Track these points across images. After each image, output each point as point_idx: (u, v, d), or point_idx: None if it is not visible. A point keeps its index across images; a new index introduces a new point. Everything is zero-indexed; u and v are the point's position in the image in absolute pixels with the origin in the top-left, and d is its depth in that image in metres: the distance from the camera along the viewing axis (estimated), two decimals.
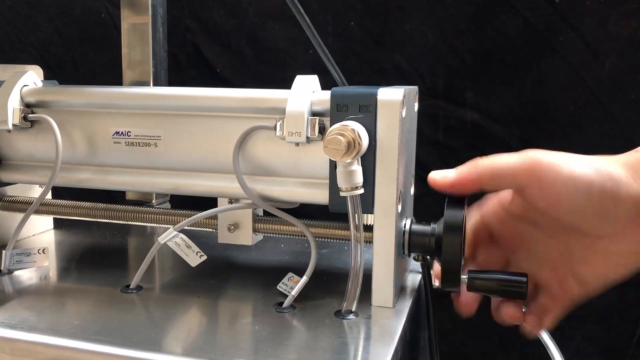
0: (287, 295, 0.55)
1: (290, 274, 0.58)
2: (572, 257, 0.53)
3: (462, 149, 0.92)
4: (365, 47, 0.93)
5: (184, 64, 1.01)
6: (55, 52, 1.08)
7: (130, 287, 0.58)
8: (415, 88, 0.59)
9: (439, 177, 0.53)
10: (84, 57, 1.06)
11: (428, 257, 0.58)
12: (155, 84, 0.83)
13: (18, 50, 1.09)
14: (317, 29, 0.65)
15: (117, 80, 0.86)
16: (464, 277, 0.52)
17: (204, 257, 0.59)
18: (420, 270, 0.60)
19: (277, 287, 0.57)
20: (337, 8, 0.93)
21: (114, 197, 0.79)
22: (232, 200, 0.60)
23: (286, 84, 0.57)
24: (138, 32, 0.81)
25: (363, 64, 0.94)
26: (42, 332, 0.49)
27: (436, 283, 0.58)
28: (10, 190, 0.71)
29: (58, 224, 0.79)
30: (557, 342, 0.63)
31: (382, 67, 0.93)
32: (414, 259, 0.58)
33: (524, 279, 0.51)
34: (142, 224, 0.65)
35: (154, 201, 0.84)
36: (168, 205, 0.86)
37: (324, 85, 0.58)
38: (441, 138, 0.93)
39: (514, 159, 0.51)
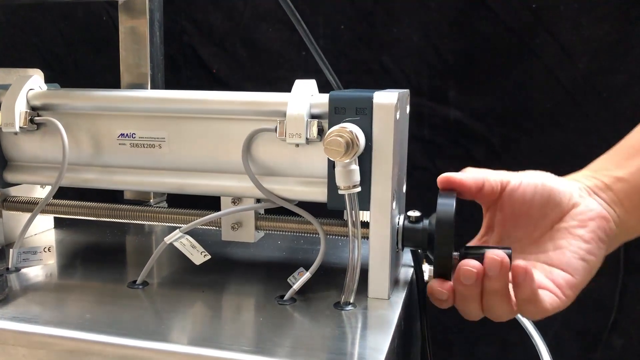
0: (290, 288, 0.57)
1: (300, 269, 0.59)
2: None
3: (445, 145, 0.96)
4: (354, 48, 0.96)
5: (180, 65, 1.03)
6: (58, 54, 1.09)
7: (137, 282, 0.60)
8: (406, 91, 0.62)
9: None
10: (85, 58, 1.07)
11: (420, 250, 0.61)
12: (153, 86, 0.84)
13: (21, 52, 1.11)
14: (309, 31, 0.67)
15: (118, 81, 0.87)
16: (456, 253, 0.55)
17: (208, 257, 0.61)
18: (413, 264, 0.63)
19: (287, 280, 0.59)
20: (327, 11, 0.95)
21: (112, 196, 0.81)
22: (235, 198, 0.62)
23: (279, 83, 0.58)
24: (135, 36, 0.82)
25: (352, 64, 0.96)
26: (56, 326, 0.51)
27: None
28: (12, 191, 0.71)
29: (58, 223, 0.80)
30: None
31: (370, 68, 0.96)
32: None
33: (509, 251, 0.54)
34: (146, 222, 0.66)
35: (151, 200, 0.86)
36: (165, 204, 0.88)
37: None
38: (426, 135, 0.96)
39: None
